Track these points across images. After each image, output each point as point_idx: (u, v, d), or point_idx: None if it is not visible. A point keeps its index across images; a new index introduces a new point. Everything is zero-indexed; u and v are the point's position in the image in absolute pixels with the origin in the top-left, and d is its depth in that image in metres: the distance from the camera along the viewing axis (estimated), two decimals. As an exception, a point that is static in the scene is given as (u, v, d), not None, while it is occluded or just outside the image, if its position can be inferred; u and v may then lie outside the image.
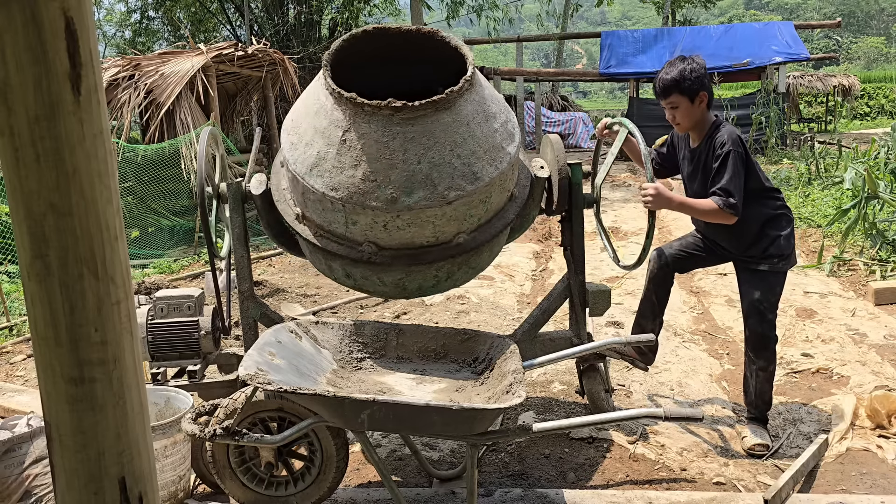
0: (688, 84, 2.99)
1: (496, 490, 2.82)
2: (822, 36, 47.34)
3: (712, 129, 3.06)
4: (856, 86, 22.67)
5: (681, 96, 3.01)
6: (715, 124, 3.06)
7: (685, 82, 2.99)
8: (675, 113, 3.06)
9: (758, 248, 3.08)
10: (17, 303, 6.04)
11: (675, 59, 3.08)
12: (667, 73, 3.04)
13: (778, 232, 3.06)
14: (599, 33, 18.49)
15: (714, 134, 3.03)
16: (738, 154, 2.92)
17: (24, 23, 0.92)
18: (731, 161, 2.90)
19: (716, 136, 3.00)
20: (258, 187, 3.06)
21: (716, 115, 3.11)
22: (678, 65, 3.03)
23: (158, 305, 3.17)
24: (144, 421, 1.10)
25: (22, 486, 2.50)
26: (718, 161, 2.93)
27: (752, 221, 3.04)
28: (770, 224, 3.06)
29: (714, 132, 3.04)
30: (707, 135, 3.06)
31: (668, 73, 3.04)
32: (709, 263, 3.45)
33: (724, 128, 3.03)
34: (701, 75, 3.01)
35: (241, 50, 9.47)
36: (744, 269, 3.17)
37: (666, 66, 3.07)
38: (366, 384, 2.61)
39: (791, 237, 3.10)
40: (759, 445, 3.12)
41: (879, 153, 7.55)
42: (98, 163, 1.00)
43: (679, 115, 3.05)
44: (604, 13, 69.86)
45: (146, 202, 8.43)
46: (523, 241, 7.64)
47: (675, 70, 3.01)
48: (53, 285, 0.99)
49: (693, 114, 3.04)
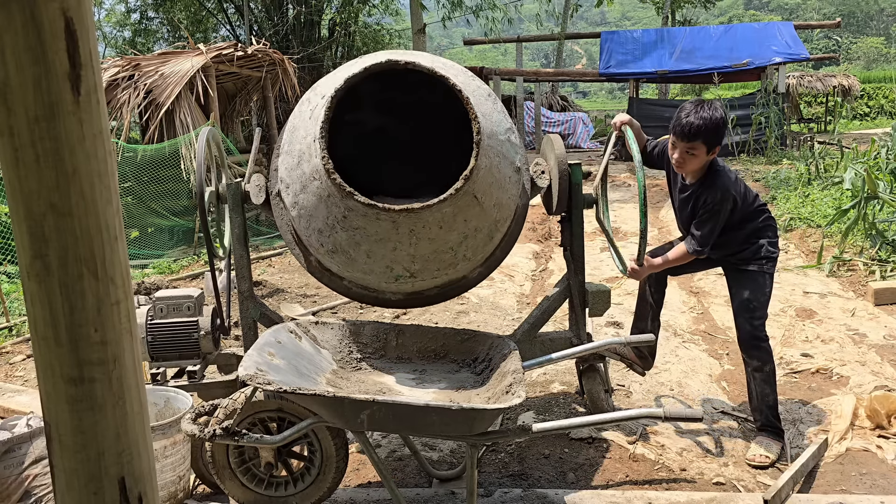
0: (713, 137, 2.93)
1: (496, 490, 2.82)
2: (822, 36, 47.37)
3: (709, 173, 3.07)
4: (855, 86, 22.65)
5: (703, 145, 2.95)
6: (712, 169, 3.06)
7: (711, 135, 2.92)
8: (687, 158, 3.00)
9: (747, 253, 3.16)
10: (17, 303, 6.04)
11: (703, 104, 2.97)
12: (698, 119, 2.91)
13: (763, 239, 3.16)
14: (599, 33, 18.50)
15: (709, 182, 3.04)
16: (725, 211, 3.03)
17: (23, 23, 0.92)
18: (716, 219, 3.04)
19: (710, 186, 3.02)
20: (258, 194, 3.06)
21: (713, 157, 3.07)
22: (705, 110, 2.92)
23: (158, 306, 3.17)
24: (144, 421, 1.10)
25: (22, 487, 2.50)
26: (706, 214, 3.04)
27: (739, 234, 3.14)
28: (756, 234, 3.17)
29: (709, 179, 3.04)
30: (702, 178, 3.08)
31: (694, 119, 2.91)
32: (700, 268, 3.52)
33: (719, 179, 3.02)
34: (723, 127, 2.97)
35: (241, 50, 9.46)
36: (733, 270, 3.23)
37: (692, 109, 2.94)
38: (365, 384, 2.61)
39: (776, 244, 3.20)
40: (761, 457, 3.08)
41: (879, 153, 7.55)
42: (98, 163, 0.99)
43: (692, 162, 3.01)
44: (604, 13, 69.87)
45: (146, 202, 8.42)
46: (523, 241, 7.64)
47: (701, 117, 2.91)
48: (53, 285, 0.99)
49: (703, 162, 3.03)
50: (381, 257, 2.70)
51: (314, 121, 2.63)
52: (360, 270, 2.79)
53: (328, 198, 2.63)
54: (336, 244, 2.73)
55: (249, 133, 12.72)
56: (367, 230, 2.62)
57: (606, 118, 24.17)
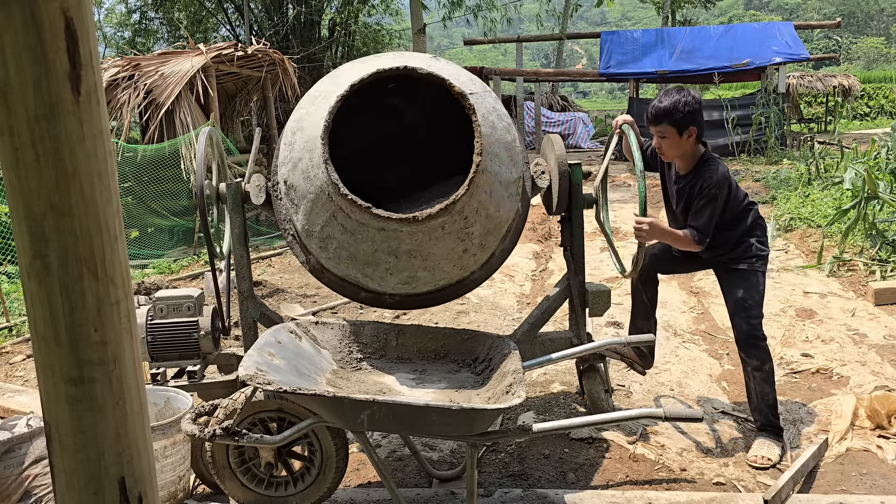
0: (679, 116, 3.00)
1: (496, 490, 2.82)
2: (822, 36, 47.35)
3: (701, 162, 3.09)
4: (856, 86, 22.65)
5: (670, 127, 3.02)
6: (704, 158, 3.09)
7: (677, 114, 3.00)
8: (661, 142, 3.08)
9: (736, 252, 3.16)
10: (17, 303, 6.04)
11: (672, 90, 3.09)
12: (661, 102, 3.04)
13: (752, 238, 3.16)
14: (599, 33, 18.49)
15: (703, 170, 3.06)
16: (721, 198, 3.03)
17: (23, 23, 0.92)
18: (714, 205, 3.02)
19: (704, 173, 3.04)
20: (258, 195, 3.06)
21: (705, 149, 3.12)
22: (673, 95, 3.03)
23: (158, 306, 3.17)
24: (144, 421, 1.10)
25: (22, 487, 2.50)
26: (703, 200, 3.03)
27: (728, 234, 3.14)
28: (745, 233, 3.17)
29: (703, 167, 3.07)
30: (695, 167, 3.11)
31: (662, 101, 3.04)
32: (687, 269, 3.54)
33: (713, 165, 3.05)
34: (694, 110, 3.01)
35: (241, 50, 9.46)
36: (724, 270, 3.23)
37: (662, 94, 3.09)
38: (365, 384, 2.61)
39: (765, 242, 3.21)
40: (763, 458, 3.06)
41: (879, 153, 7.56)
42: (98, 163, 0.99)
43: (665, 144, 3.08)
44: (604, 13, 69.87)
45: (146, 202, 8.42)
46: (523, 241, 7.64)
47: (669, 100, 3.02)
48: (53, 285, 0.99)
49: (680, 146, 3.06)
50: (381, 262, 2.71)
51: (316, 127, 2.64)
52: (361, 273, 2.80)
53: (330, 203, 2.63)
54: (337, 248, 2.73)
55: (249, 133, 12.72)
56: (368, 236, 2.63)
57: (606, 118, 24.18)
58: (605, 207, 3.40)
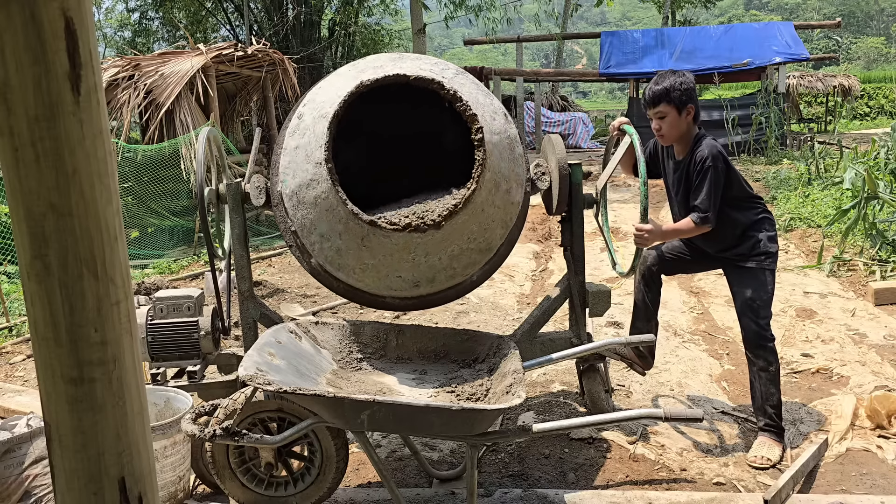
0: (677, 95, 3.03)
1: (496, 490, 2.82)
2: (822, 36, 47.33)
3: (695, 142, 3.10)
4: (856, 86, 22.67)
5: (669, 106, 3.04)
6: (697, 137, 3.11)
7: (674, 93, 3.03)
8: (661, 123, 3.10)
9: (744, 248, 3.13)
10: (17, 303, 6.04)
11: (666, 72, 3.13)
12: (657, 84, 3.09)
13: (760, 234, 3.13)
14: (599, 33, 18.50)
15: (696, 147, 3.07)
16: (718, 169, 3.00)
17: (23, 23, 0.92)
18: (710, 177, 2.99)
19: (696, 151, 3.05)
20: (258, 195, 3.06)
21: (699, 128, 3.14)
22: (669, 76, 3.08)
23: (158, 306, 3.17)
24: (144, 421, 1.10)
25: (22, 487, 2.50)
26: (699, 177, 3.02)
27: (733, 227, 3.12)
28: (752, 227, 3.13)
29: (696, 146, 3.08)
30: (690, 148, 3.11)
31: (658, 83, 3.08)
32: (695, 269, 3.52)
33: (704, 141, 3.07)
34: (690, 88, 3.06)
35: (241, 50, 9.47)
36: (732, 268, 3.20)
37: (656, 77, 3.13)
38: (365, 384, 2.61)
39: (774, 239, 3.16)
40: (763, 459, 3.05)
41: (879, 153, 7.56)
42: (98, 163, 0.99)
43: (665, 125, 3.09)
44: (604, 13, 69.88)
45: (146, 202, 8.42)
46: (523, 241, 7.64)
47: (665, 81, 3.06)
48: (53, 285, 0.99)
49: (679, 126, 3.07)
50: (381, 268, 2.72)
51: (318, 136, 2.65)
52: (360, 277, 2.81)
53: (330, 209, 2.64)
54: (337, 252, 2.74)
55: (249, 133, 12.71)
56: (369, 244, 2.63)
57: (606, 118, 24.19)
58: (605, 213, 3.40)
